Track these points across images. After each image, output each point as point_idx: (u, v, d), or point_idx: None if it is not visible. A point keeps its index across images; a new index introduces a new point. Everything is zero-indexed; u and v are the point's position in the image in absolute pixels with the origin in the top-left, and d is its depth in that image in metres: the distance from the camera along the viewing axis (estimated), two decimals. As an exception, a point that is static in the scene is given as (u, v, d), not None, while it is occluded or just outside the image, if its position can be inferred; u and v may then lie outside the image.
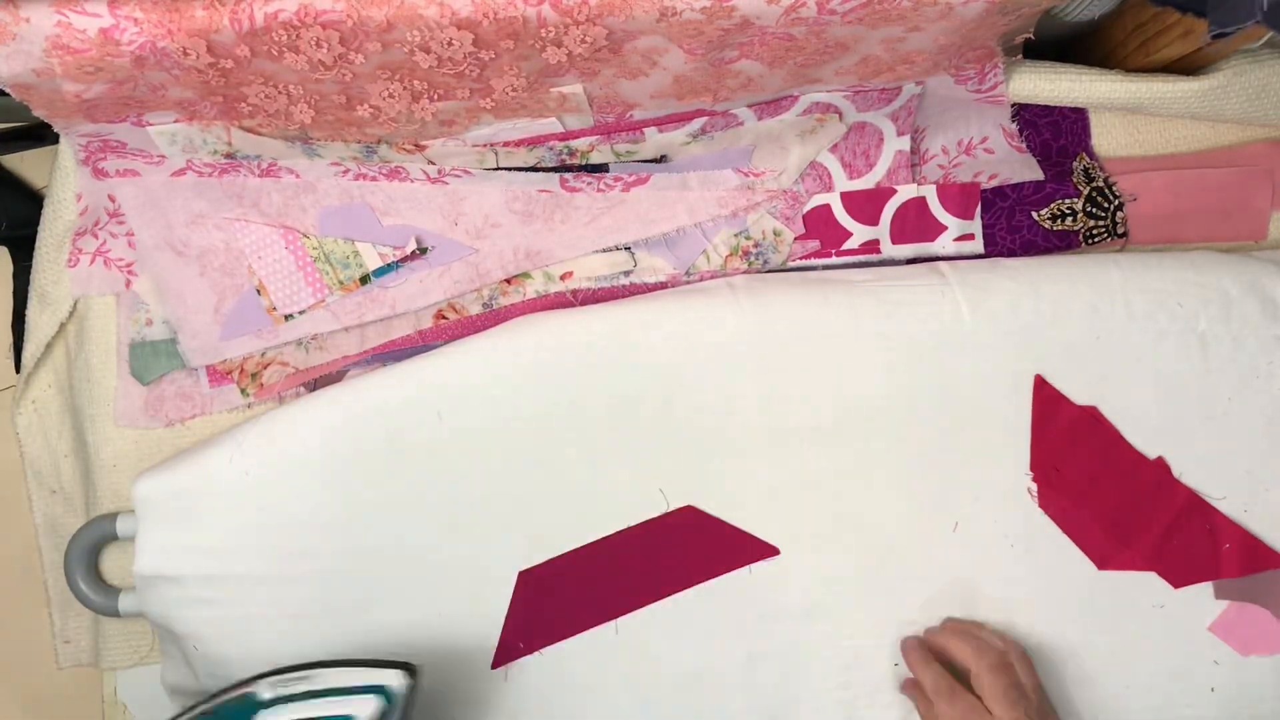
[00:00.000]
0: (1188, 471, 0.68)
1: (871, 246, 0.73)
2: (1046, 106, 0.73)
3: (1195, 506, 0.68)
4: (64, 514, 0.76)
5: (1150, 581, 0.68)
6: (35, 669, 0.78)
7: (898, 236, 0.73)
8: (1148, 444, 0.68)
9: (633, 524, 0.68)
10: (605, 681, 0.67)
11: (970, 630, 0.65)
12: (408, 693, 0.57)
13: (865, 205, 0.73)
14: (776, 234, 0.72)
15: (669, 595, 0.67)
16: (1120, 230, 0.73)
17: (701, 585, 0.67)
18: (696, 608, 0.67)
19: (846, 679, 0.67)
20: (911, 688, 0.66)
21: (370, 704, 0.56)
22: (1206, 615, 0.68)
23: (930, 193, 0.73)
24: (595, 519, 0.68)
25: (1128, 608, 0.68)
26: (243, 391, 0.72)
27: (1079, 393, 0.68)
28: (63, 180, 0.72)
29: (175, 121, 0.66)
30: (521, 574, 0.67)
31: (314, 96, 0.63)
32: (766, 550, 0.67)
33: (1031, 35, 0.66)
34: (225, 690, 0.59)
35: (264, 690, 0.58)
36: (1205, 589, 0.68)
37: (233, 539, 0.67)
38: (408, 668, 0.57)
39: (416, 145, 0.70)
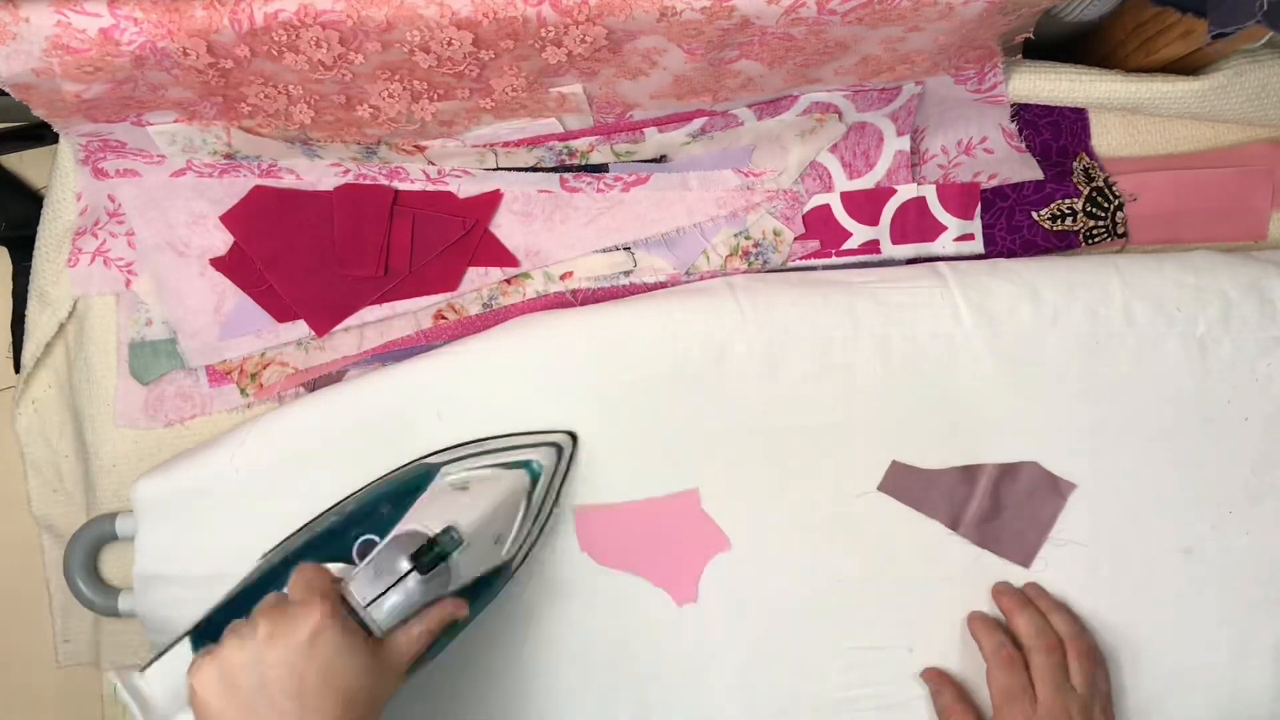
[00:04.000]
0: (1187, 475, 0.68)
1: (871, 246, 0.73)
2: (1046, 106, 0.73)
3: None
4: (65, 514, 0.76)
5: (1146, 581, 0.68)
6: (35, 669, 0.78)
7: (898, 236, 0.73)
8: (1146, 447, 0.68)
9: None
10: (601, 681, 0.67)
11: (1038, 607, 0.65)
12: (572, 446, 0.66)
13: (865, 205, 0.73)
14: (776, 234, 0.72)
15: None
16: (1120, 230, 0.73)
17: (702, 586, 0.67)
18: (696, 606, 0.68)
19: (848, 680, 0.67)
20: (935, 679, 0.66)
21: (544, 452, 0.63)
22: (1207, 614, 0.68)
23: (930, 193, 0.73)
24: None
25: (1128, 609, 0.68)
26: (242, 391, 0.72)
27: (1076, 396, 0.68)
28: (62, 180, 0.72)
29: (175, 121, 0.66)
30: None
31: (314, 97, 0.63)
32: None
33: (1031, 35, 0.66)
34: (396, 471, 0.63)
35: (436, 459, 0.63)
36: (1202, 592, 0.68)
37: (232, 539, 0.67)
38: (569, 433, 0.66)
39: (416, 146, 0.70)
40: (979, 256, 0.73)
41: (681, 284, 0.72)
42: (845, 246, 0.73)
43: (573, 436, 0.66)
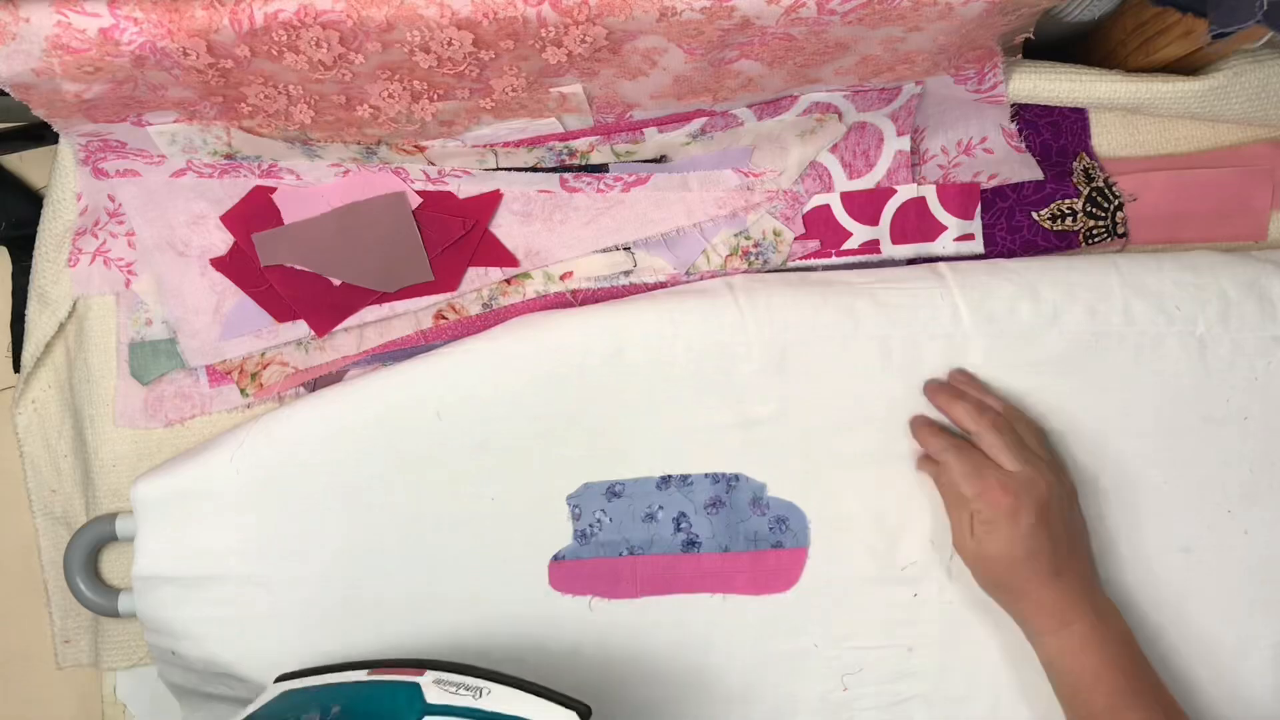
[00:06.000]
0: (1187, 474, 0.68)
1: (871, 246, 0.73)
2: (1046, 106, 0.73)
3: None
4: (64, 514, 0.76)
5: (1145, 581, 0.68)
6: (35, 669, 0.78)
7: (898, 236, 0.73)
8: (1146, 446, 0.68)
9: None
10: (610, 680, 0.67)
11: (966, 392, 0.66)
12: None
13: (865, 205, 0.73)
14: (776, 234, 0.72)
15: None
16: (1120, 230, 0.74)
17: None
18: (697, 607, 0.68)
19: (847, 680, 0.67)
20: (926, 464, 0.67)
21: None
22: (1207, 614, 0.68)
23: (930, 193, 0.73)
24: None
25: (1128, 609, 0.68)
26: (242, 392, 0.72)
27: (1076, 395, 0.68)
28: (62, 180, 0.72)
29: (175, 121, 0.66)
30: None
31: (314, 97, 0.63)
32: None
33: (1031, 35, 0.66)
34: (380, 664, 0.56)
35: (430, 689, 0.54)
36: (1202, 592, 0.68)
37: (232, 540, 0.67)
38: (581, 708, 0.53)
39: (416, 146, 0.70)
40: (979, 256, 0.73)
41: (681, 284, 0.72)
42: (845, 246, 0.73)
43: (584, 714, 0.53)
